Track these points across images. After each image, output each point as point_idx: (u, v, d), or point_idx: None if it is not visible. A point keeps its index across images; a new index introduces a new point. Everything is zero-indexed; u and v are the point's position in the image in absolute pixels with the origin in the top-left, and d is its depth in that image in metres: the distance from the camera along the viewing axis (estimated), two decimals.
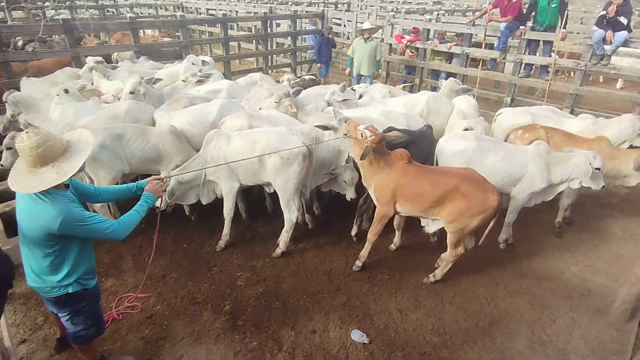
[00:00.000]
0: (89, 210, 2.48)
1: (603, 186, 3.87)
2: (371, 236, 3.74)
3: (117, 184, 3.83)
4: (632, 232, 4.63)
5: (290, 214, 3.89)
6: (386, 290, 3.63)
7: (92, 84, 5.72)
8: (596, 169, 3.76)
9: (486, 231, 3.44)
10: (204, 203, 4.15)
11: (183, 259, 3.95)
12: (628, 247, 4.36)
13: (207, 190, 4.09)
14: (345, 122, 3.50)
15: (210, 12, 15.64)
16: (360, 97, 5.48)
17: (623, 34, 6.19)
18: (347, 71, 8.59)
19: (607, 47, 6.39)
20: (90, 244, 2.33)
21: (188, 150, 4.15)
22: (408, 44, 8.91)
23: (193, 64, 6.53)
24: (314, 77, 7.08)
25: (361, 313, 3.37)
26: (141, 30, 10.15)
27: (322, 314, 3.35)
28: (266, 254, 4.07)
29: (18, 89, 5.28)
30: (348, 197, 4.17)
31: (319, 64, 9.14)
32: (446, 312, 3.42)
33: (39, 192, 1.93)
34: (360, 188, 4.14)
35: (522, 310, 3.47)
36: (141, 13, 17.28)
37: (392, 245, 4.17)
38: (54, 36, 9.06)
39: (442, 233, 3.67)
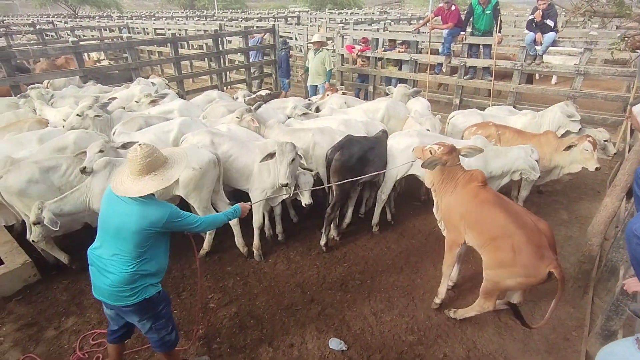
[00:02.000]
0: None
1: (539, 176, 4.13)
2: (445, 268, 3.39)
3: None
4: (578, 215, 5.00)
5: (213, 209, 3.88)
6: (359, 296, 3.69)
7: (35, 112, 5.44)
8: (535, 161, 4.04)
9: (551, 307, 2.78)
10: None
11: None
12: (575, 229, 4.70)
13: None
14: (413, 150, 3.48)
15: (159, 31, 15.33)
16: (317, 109, 5.59)
17: (551, 35, 6.76)
18: (304, 76, 9.17)
19: (538, 47, 6.95)
20: (168, 247, 2.46)
21: None
22: (359, 53, 9.23)
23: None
24: (269, 92, 7.13)
25: (337, 321, 3.40)
26: (85, 54, 9.79)
27: (298, 327, 3.34)
28: (236, 272, 4.01)
29: None
30: (304, 203, 3.90)
31: (287, 79, 9.29)
32: (418, 310, 3.52)
33: (143, 197, 2.17)
34: (315, 193, 4.19)
35: None
36: (84, 36, 16.64)
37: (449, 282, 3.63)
38: None
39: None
